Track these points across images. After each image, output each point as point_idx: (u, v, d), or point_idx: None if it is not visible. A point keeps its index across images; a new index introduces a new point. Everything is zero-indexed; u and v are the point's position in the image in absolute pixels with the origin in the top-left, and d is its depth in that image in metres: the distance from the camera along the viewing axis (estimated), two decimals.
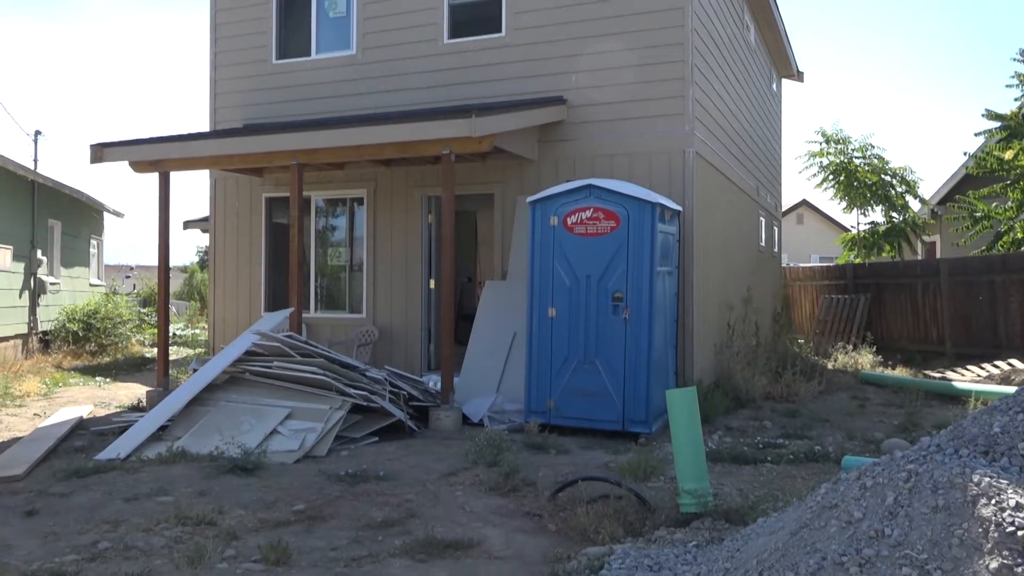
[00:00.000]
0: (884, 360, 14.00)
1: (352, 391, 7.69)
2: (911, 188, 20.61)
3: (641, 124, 9.60)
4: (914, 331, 15.38)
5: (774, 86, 17.18)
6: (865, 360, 13.72)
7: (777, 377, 10.78)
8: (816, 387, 10.67)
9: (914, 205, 21.15)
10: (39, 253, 15.72)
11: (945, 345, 14.56)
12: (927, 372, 12.72)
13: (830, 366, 13.25)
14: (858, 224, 21.68)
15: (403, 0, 10.71)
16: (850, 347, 14.39)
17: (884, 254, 20.65)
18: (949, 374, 12.11)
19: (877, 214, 21.09)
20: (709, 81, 10.41)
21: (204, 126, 11.82)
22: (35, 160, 27.39)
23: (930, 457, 3.33)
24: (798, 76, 18.38)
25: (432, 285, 10.61)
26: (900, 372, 12.98)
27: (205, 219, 15.28)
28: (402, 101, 10.55)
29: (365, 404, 7.76)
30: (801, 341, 14.72)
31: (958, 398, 10.29)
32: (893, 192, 20.48)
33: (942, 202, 20.51)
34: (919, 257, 21.52)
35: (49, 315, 16.33)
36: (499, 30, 10.26)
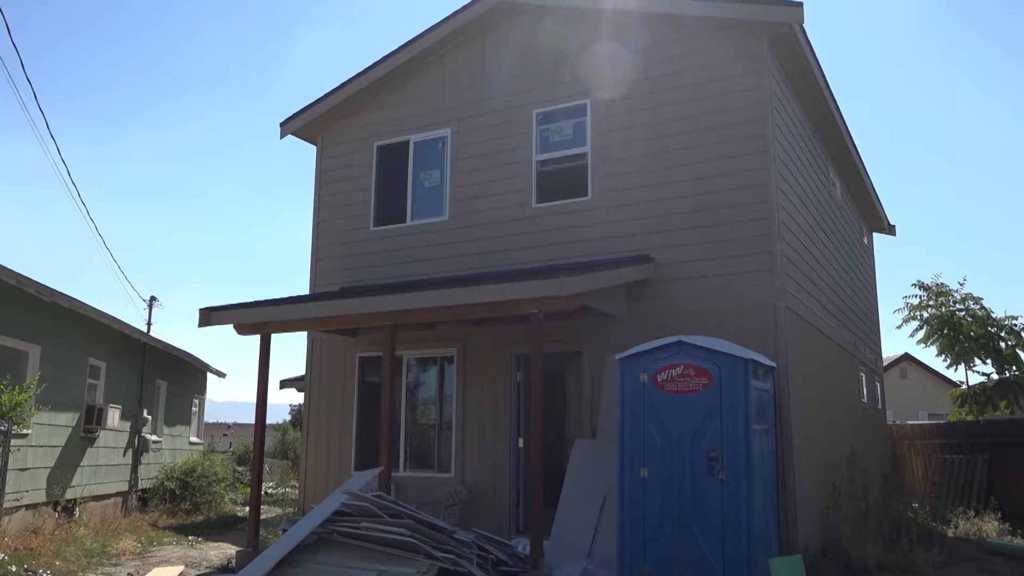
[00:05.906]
0: (1012, 527, 12.85)
1: (439, 554, 7.51)
2: (1020, 340, 19.56)
3: (729, 280, 9.58)
4: None
5: (865, 240, 17.03)
6: (990, 527, 12.63)
7: (891, 545, 9.99)
8: (937, 557, 9.81)
9: None
10: (145, 412, 16.40)
11: None
12: None
13: (950, 533, 12.23)
14: (967, 378, 20.58)
15: (494, 169, 11.29)
16: (971, 512, 13.30)
17: (999, 410, 19.37)
18: None
19: (985, 367, 19.99)
20: (797, 236, 10.41)
21: (303, 289, 12.44)
22: (148, 324, 29.13)
23: None
24: (889, 229, 18.22)
25: (521, 444, 10.49)
26: None
27: (300, 378, 15.76)
28: (492, 263, 10.88)
29: (452, 568, 7.53)
30: (915, 505, 13.72)
31: None
32: (1004, 345, 19.47)
33: None
34: None
35: (149, 473, 16.80)
36: (585, 193, 10.63)
